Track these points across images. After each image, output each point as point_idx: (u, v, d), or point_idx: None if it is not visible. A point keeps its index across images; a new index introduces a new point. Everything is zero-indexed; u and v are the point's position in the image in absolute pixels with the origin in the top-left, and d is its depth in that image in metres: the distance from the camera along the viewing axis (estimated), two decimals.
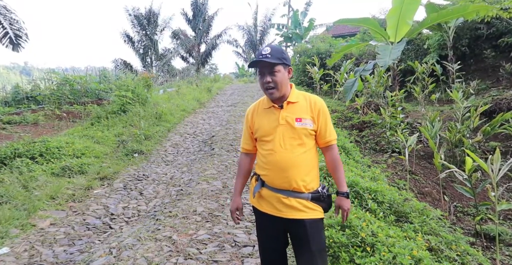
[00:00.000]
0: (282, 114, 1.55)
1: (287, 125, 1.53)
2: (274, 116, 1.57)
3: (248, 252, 2.57)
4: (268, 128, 1.56)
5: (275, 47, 1.53)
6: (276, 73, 1.50)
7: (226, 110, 9.62)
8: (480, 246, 2.89)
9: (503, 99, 5.67)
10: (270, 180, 1.56)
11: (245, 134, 1.72)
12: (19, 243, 2.80)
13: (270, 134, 1.55)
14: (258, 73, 1.57)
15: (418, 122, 5.77)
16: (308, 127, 1.53)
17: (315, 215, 1.54)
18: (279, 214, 1.54)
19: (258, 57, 1.50)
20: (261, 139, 1.60)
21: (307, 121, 1.54)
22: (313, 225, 1.53)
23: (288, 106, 1.57)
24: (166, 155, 5.70)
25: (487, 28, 7.67)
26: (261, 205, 1.61)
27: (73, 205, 3.67)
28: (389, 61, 5.37)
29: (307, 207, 1.53)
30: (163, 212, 3.38)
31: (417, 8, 5.94)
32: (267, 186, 1.57)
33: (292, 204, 1.52)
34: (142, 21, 21.68)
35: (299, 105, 1.58)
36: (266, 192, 1.58)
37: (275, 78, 1.50)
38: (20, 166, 4.27)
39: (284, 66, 1.54)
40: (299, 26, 20.62)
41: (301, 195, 1.52)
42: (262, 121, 1.60)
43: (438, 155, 3.49)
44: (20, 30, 9.37)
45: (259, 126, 1.61)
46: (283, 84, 1.53)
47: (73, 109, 8.57)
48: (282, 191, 1.53)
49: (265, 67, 1.51)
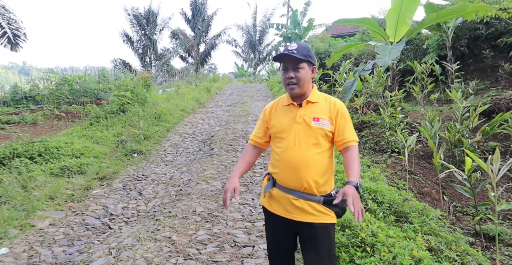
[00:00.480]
0: (300, 112, 1.53)
1: (304, 124, 1.51)
2: (291, 114, 1.56)
3: (248, 253, 2.56)
4: (284, 125, 1.55)
5: (302, 44, 1.53)
6: (300, 70, 1.49)
7: (226, 110, 9.61)
8: (480, 246, 2.89)
9: (502, 99, 5.68)
10: (281, 178, 1.53)
11: (259, 127, 1.71)
12: (18, 243, 2.79)
13: (285, 131, 1.53)
14: (282, 68, 1.55)
15: (417, 122, 5.77)
16: (325, 127, 1.50)
17: (326, 220, 1.49)
18: (289, 216, 1.51)
19: (284, 52, 1.50)
20: (275, 136, 1.59)
21: (324, 122, 1.51)
22: (323, 229, 1.48)
23: (307, 105, 1.55)
24: (165, 155, 5.69)
25: (486, 28, 7.68)
26: (271, 206, 1.59)
27: (72, 205, 3.66)
28: (389, 61, 5.37)
29: (318, 210, 1.48)
30: (162, 212, 3.37)
31: (416, 8, 5.94)
32: (278, 185, 1.55)
33: (302, 207, 1.48)
34: (141, 21, 21.65)
35: (318, 105, 1.55)
36: (276, 192, 1.56)
37: (298, 74, 1.49)
38: (19, 166, 4.26)
39: (309, 64, 1.52)
40: (298, 26, 20.61)
41: (312, 198, 1.48)
42: (280, 117, 1.59)
43: (438, 155, 3.50)
44: (19, 30, 9.35)
45: (275, 122, 1.60)
46: (305, 82, 1.52)
47: (72, 109, 8.55)
48: (292, 192, 1.50)
49: (289, 62, 1.50)
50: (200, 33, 24.22)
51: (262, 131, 1.69)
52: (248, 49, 27.34)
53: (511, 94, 5.79)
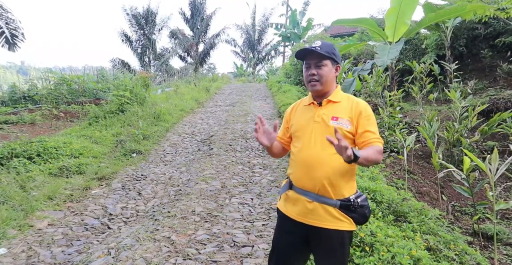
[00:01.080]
0: (319, 111, 1.49)
1: (322, 123, 1.46)
2: (310, 113, 1.52)
3: (247, 252, 2.56)
4: (302, 123, 1.52)
5: (326, 42, 1.49)
6: (323, 67, 1.45)
7: (225, 109, 9.60)
8: (478, 245, 2.90)
9: (501, 99, 5.70)
10: (297, 179, 1.48)
11: (281, 127, 1.69)
12: (17, 244, 2.78)
13: (303, 130, 1.50)
14: (304, 66, 1.51)
15: (416, 122, 5.78)
16: (343, 127, 1.42)
17: (341, 226, 1.40)
18: (302, 219, 1.44)
19: (307, 48, 1.46)
20: (294, 135, 1.56)
21: (343, 121, 1.43)
22: (338, 237, 1.40)
23: (327, 104, 1.50)
24: (164, 155, 5.68)
25: (485, 28, 7.70)
26: (286, 208, 1.53)
27: (71, 205, 3.65)
28: (388, 61, 5.37)
29: (333, 216, 1.40)
30: (161, 212, 3.37)
31: (415, 8, 5.95)
32: (294, 187, 1.49)
33: (316, 210, 1.40)
34: (140, 21, 21.61)
35: (340, 105, 1.49)
36: (292, 194, 1.50)
37: (321, 71, 1.45)
38: (17, 166, 4.25)
39: (333, 62, 1.48)
40: (297, 26, 20.63)
41: (328, 201, 1.40)
42: (299, 117, 1.57)
43: (436, 155, 3.51)
44: (17, 30, 9.30)
45: (294, 121, 1.58)
46: (328, 80, 1.48)
47: (70, 109, 8.53)
48: (307, 194, 1.43)
49: (312, 59, 1.46)
50: (199, 32, 24.20)
51: (282, 130, 1.67)
52: (247, 49, 27.32)
53: (509, 94, 5.81)
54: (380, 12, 13.38)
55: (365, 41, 9.30)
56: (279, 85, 12.78)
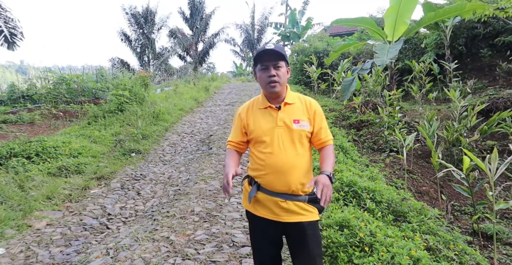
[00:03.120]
0: (280, 115, 1.53)
1: (285, 127, 1.51)
2: (271, 118, 1.54)
3: (246, 252, 2.56)
4: (266, 129, 1.52)
5: (278, 45, 1.53)
6: (280, 68, 1.51)
7: (224, 109, 9.59)
8: (478, 245, 2.90)
9: (500, 98, 5.69)
10: (268, 183, 1.50)
11: (236, 131, 1.65)
12: (15, 244, 2.77)
13: (267, 136, 1.51)
14: (260, 68, 1.51)
15: (415, 121, 5.78)
16: (305, 128, 1.52)
17: (312, 217, 1.51)
18: (277, 218, 1.51)
19: (264, 48, 1.48)
20: (257, 141, 1.54)
21: (304, 123, 1.52)
22: (311, 227, 1.51)
23: (285, 107, 1.55)
24: (163, 155, 5.67)
25: (484, 27, 7.69)
26: (257, 210, 1.56)
27: (69, 205, 3.64)
28: (387, 60, 5.37)
29: (304, 209, 1.50)
30: (160, 212, 3.36)
31: (414, 7, 5.95)
32: (263, 189, 1.52)
33: (290, 208, 1.49)
34: (139, 20, 21.58)
35: (295, 106, 1.56)
36: (262, 196, 1.53)
37: (279, 73, 1.50)
38: (16, 166, 4.24)
39: (286, 64, 1.54)
40: (296, 25, 20.59)
41: (299, 198, 1.49)
42: (259, 121, 1.56)
43: (436, 154, 3.50)
44: (15, 29, 9.27)
45: (255, 127, 1.55)
46: (285, 81, 1.55)
47: (69, 108, 8.52)
48: (280, 195, 1.49)
49: (270, 60, 1.48)
50: (198, 32, 24.16)
51: (239, 135, 1.63)
52: (247, 48, 27.28)
53: (508, 93, 5.81)
54: (380, 12, 13.34)
55: (364, 40, 9.29)
56: None
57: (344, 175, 3.28)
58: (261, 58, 1.50)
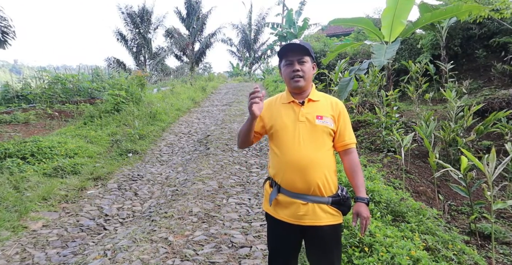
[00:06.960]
0: (303, 111, 1.48)
1: (307, 123, 1.46)
2: (293, 112, 1.50)
3: (245, 253, 2.55)
4: (287, 123, 1.47)
5: (304, 42, 1.51)
6: (305, 63, 1.47)
7: (221, 109, 9.57)
8: (475, 245, 2.92)
9: (495, 99, 5.75)
10: (287, 182, 1.44)
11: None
12: (10, 245, 2.73)
13: (288, 130, 1.46)
14: (285, 64, 1.49)
15: (412, 121, 5.81)
16: (328, 125, 1.46)
17: (335, 221, 1.45)
18: (297, 222, 1.44)
19: (289, 42, 1.46)
20: (276, 135, 1.49)
21: (328, 120, 1.47)
22: (333, 231, 1.45)
23: (309, 103, 1.51)
24: (161, 155, 5.64)
25: (479, 28, 7.76)
26: (277, 213, 1.49)
27: (66, 206, 3.60)
28: (384, 60, 5.38)
29: (327, 212, 1.44)
30: (158, 213, 3.34)
31: (411, 8, 5.96)
32: (284, 191, 1.46)
33: (312, 210, 1.42)
34: (135, 19, 21.46)
35: (320, 103, 1.52)
36: (283, 198, 1.46)
37: (304, 68, 1.46)
38: (10, 167, 4.18)
39: (311, 59, 1.51)
40: (293, 25, 20.60)
41: (321, 200, 1.42)
42: (280, 115, 1.51)
43: (433, 154, 3.51)
44: (8, 27, 9.15)
45: (276, 120, 1.50)
46: (310, 76, 1.50)
47: (65, 108, 8.42)
48: (300, 196, 1.42)
49: (295, 55, 1.45)
50: (195, 32, 24.08)
51: (256, 125, 1.53)
52: (243, 48, 27.28)
53: (503, 94, 5.86)
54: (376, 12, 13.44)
55: (361, 40, 9.32)
56: (276, 85, 12.79)
57: (342, 175, 3.28)
58: (285, 53, 1.48)
